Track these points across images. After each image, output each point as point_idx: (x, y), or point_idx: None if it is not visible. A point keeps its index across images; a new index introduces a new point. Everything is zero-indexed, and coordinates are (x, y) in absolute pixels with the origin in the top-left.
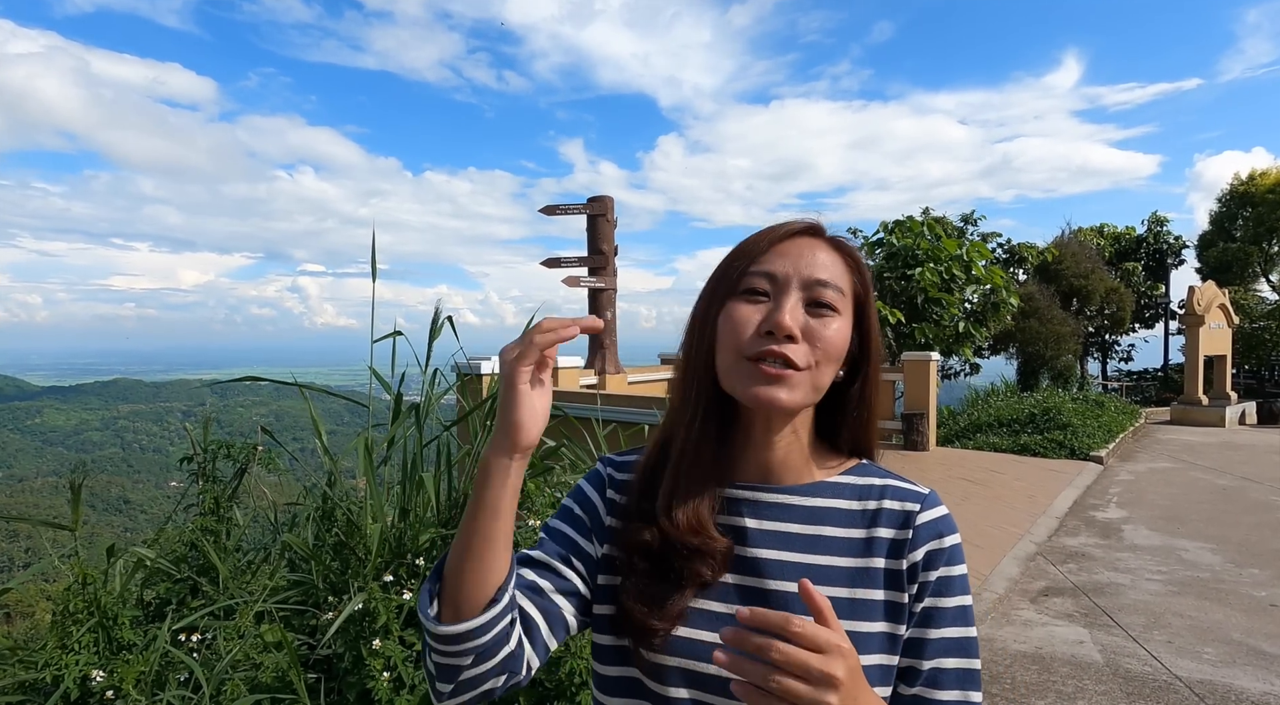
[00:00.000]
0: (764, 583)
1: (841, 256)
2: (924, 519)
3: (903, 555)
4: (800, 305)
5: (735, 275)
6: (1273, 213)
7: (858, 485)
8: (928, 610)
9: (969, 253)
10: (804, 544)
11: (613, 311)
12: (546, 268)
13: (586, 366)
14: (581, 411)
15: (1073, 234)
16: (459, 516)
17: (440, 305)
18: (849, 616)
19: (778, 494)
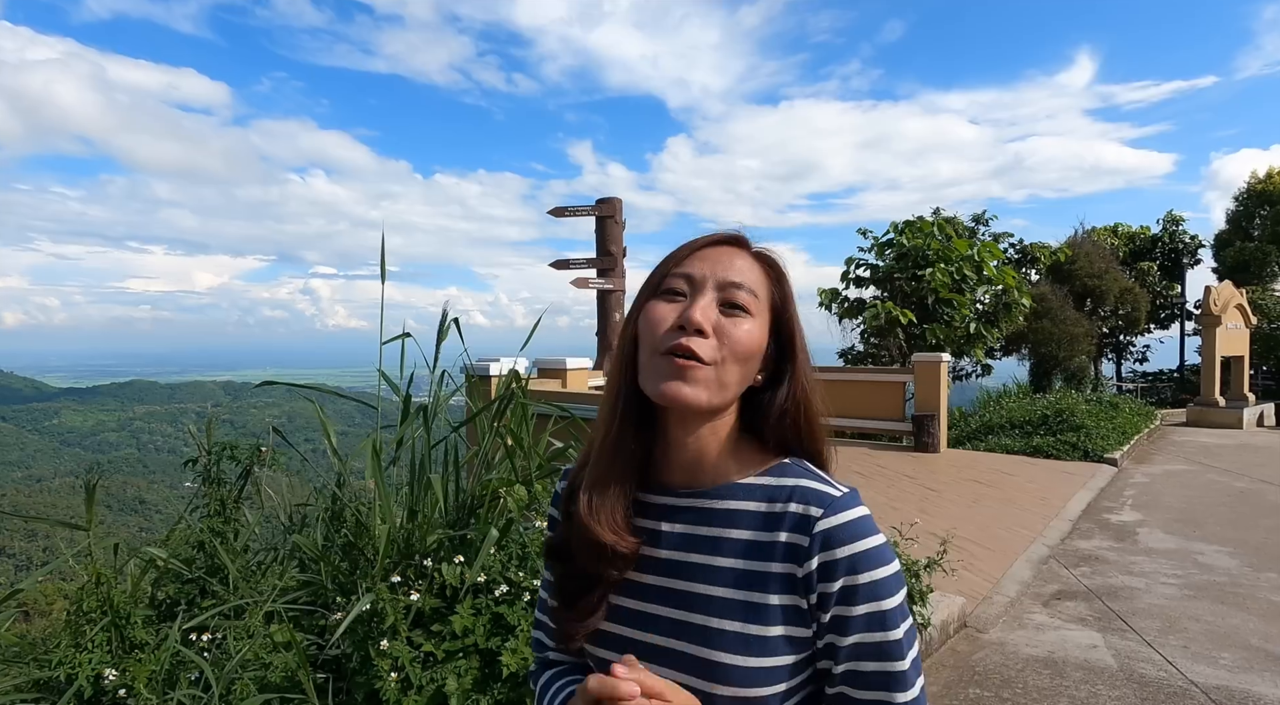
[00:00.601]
0: (674, 583)
1: (761, 265)
2: (824, 525)
3: (800, 562)
4: (713, 304)
5: (658, 277)
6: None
7: (769, 487)
8: (836, 618)
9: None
10: (708, 546)
11: (621, 313)
12: (555, 269)
13: (595, 368)
14: (589, 412)
15: (1086, 234)
16: (466, 517)
17: (448, 307)
18: (742, 618)
19: (690, 498)
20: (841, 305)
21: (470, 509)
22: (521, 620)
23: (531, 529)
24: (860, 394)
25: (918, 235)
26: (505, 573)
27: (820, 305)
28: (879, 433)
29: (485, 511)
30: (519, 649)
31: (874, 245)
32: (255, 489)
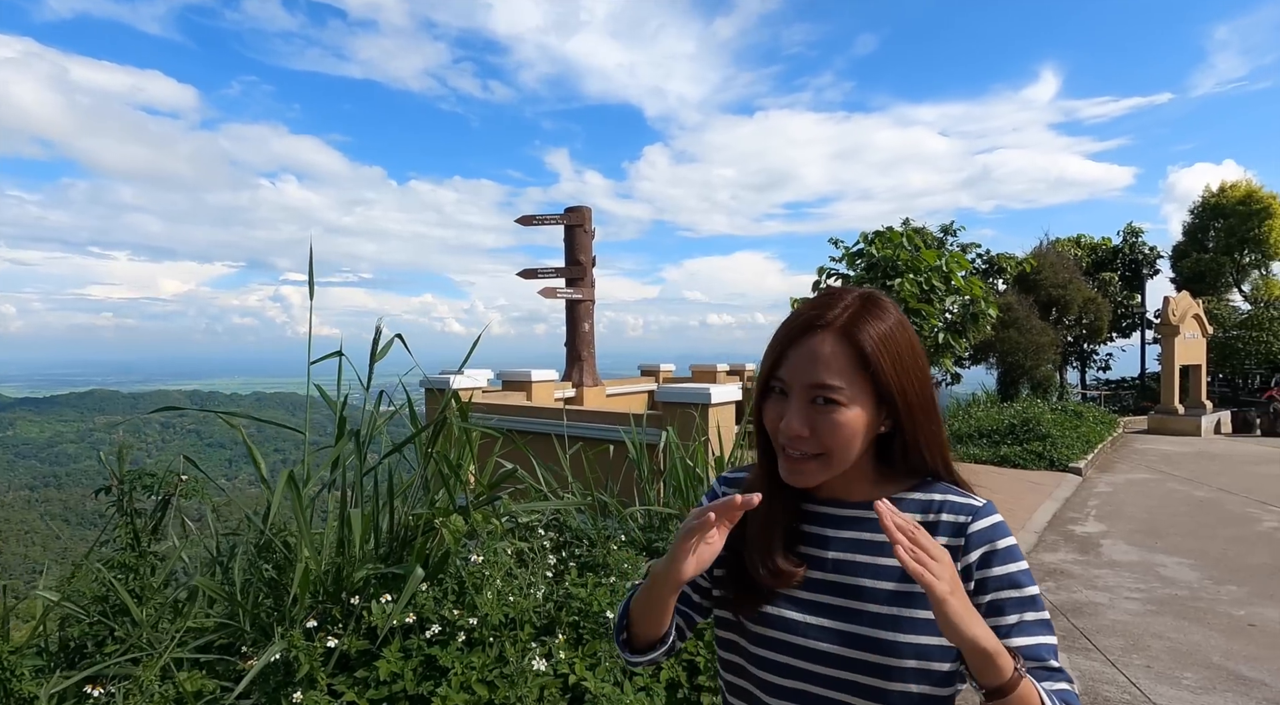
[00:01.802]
0: (842, 578)
1: (844, 345)
2: (974, 528)
3: (957, 559)
4: (805, 406)
5: (764, 376)
6: (1243, 224)
7: (920, 500)
8: (996, 602)
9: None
10: (871, 548)
11: (590, 323)
12: (523, 279)
13: (564, 379)
14: (550, 428)
15: (1051, 245)
16: (400, 550)
17: (382, 323)
18: (904, 605)
19: (851, 509)
20: None
21: (404, 541)
22: (456, 662)
23: (469, 563)
24: None
25: (887, 246)
26: (439, 611)
27: None
28: None
29: (421, 543)
30: (451, 696)
31: (845, 255)
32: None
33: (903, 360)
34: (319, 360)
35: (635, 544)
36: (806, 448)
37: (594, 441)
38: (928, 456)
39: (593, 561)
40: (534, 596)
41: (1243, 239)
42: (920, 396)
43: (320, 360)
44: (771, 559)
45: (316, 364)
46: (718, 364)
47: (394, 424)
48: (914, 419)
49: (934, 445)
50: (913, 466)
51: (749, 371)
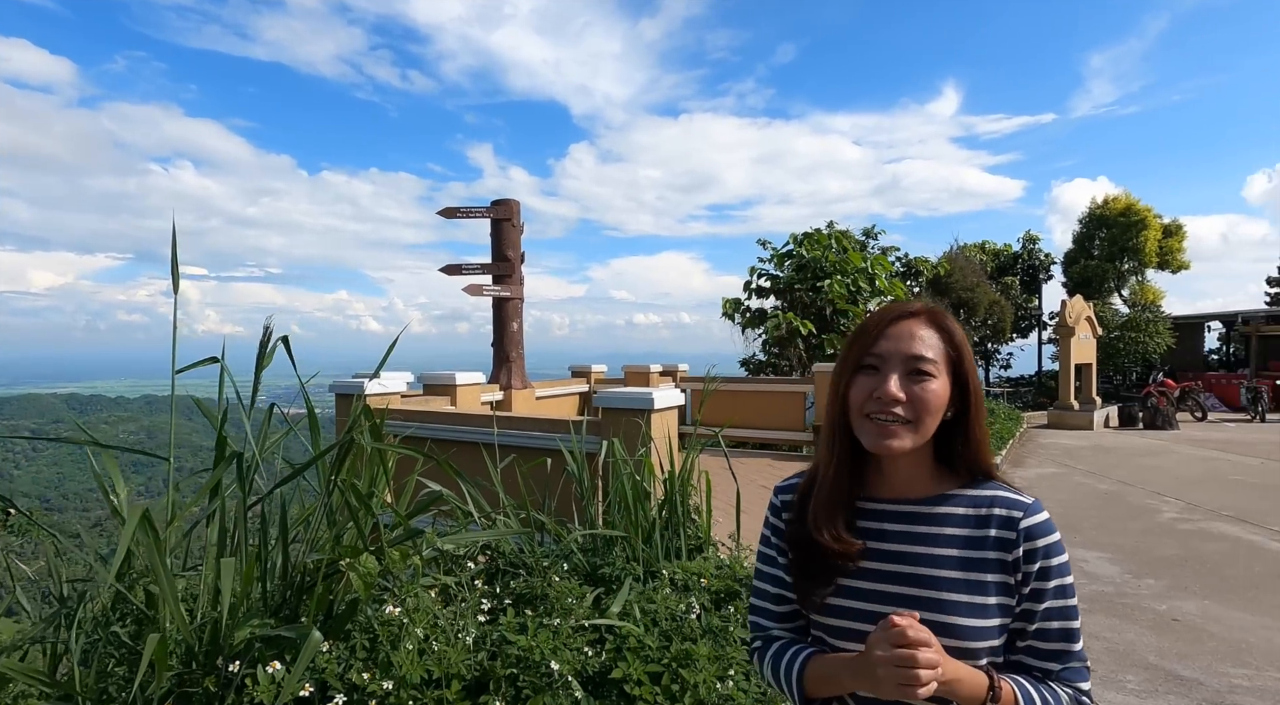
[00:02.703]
0: (900, 568)
1: (935, 330)
2: (1025, 524)
3: (1009, 550)
4: (901, 377)
5: (856, 355)
6: (1123, 234)
7: (973, 496)
8: (1034, 590)
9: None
10: (928, 540)
11: (519, 322)
12: (447, 275)
13: (490, 381)
14: (478, 436)
15: (960, 250)
16: (297, 600)
17: (271, 322)
18: (965, 592)
19: (909, 505)
20: (744, 315)
21: (301, 589)
22: None
23: (383, 611)
24: (763, 404)
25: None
26: (345, 675)
27: (724, 315)
28: (780, 443)
29: (324, 590)
30: None
31: (774, 256)
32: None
33: (970, 357)
34: (187, 368)
35: (578, 571)
36: (901, 411)
37: (528, 451)
38: (981, 452)
39: (531, 593)
40: (463, 643)
41: (1123, 248)
42: (979, 393)
43: (190, 367)
44: (835, 526)
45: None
46: (651, 365)
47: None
48: (976, 409)
49: (986, 442)
50: (968, 463)
51: (682, 372)
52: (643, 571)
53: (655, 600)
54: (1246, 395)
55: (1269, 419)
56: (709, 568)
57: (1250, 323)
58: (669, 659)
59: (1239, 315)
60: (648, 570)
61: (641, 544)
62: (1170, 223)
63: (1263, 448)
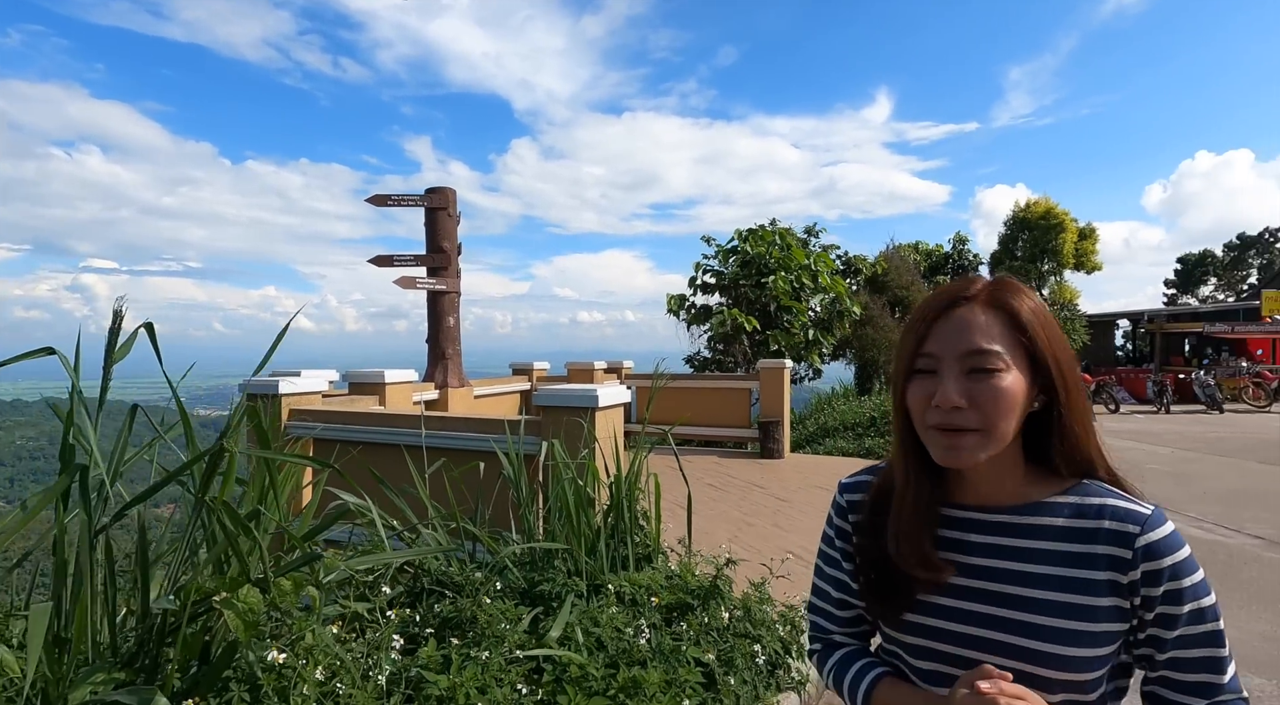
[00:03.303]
0: (986, 585)
1: (996, 312)
2: (1144, 541)
3: (1125, 572)
4: (960, 377)
5: (907, 357)
6: (1044, 236)
7: (1075, 504)
8: (1162, 615)
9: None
10: (1019, 555)
11: (456, 317)
12: (376, 266)
13: (425, 380)
14: (406, 439)
15: (895, 249)
16: (157, 643)
17: (121, 305)
18: (1065, 616)
19: (997, 514)
20: (689, 311)
21: (163, 632)
22: None
23: (268, 657)
24: (709, 401)
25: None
26: None
27: (669, 311)
28: (725, 440)
29: (196, 633)
30: None
31: (719, 252)
32: None
33: (1054, 329)
34: (9, 362)
35: (514, 590)
36: (964, 421)
37: (461, 454)
38: (1082, 445)
39: (459, 617)
40: (374, 684)
41: (1043, 249)
42: (1073, 371)
43: (14, 360)
44: (921, 549)
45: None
46: (595, 362)
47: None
48: (1069, 393)
49: (1088, 431)
50: (1068, 460)
51: (627, 369)
52: (586, 586)
53: (600, 620)
54: (1153, 388)
55: (1173, 410)
56: (659, 579)
57: (1154, 321)
58: (616, 689)
59: (1145, 314)
60: (592, 584)
61: (585, 556)
62: (1085, 226)
63: (1170, 437)
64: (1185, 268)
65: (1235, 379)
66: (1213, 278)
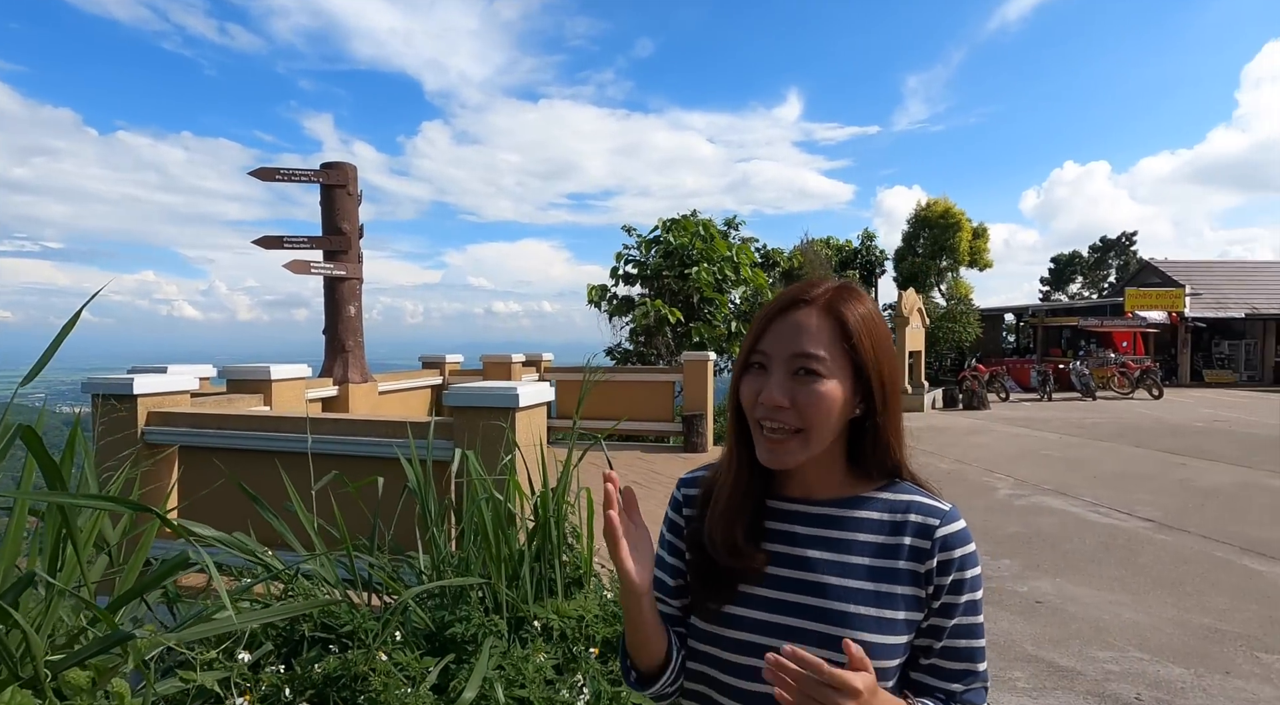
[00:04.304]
0: (807, 576)
1: (828, 319)
2: (941, 533)
3: (923, 561)
4: (787, 377)
5: (745, 352)
6: (942, 235)
7: (888, 500)
8: (944, 604)
9: (738, 254)
10: (839, 546)
11: (358, 306)
12: (263, 248)
13: (322, 375)
14: (292, 445)
15: (809, 244)
16: None
17: None
18: (874, 605)
19: (821, 506)
20: (610, 303)
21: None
22: None
23: None
24: (632, 394)
25: (683, 234)
26: None
27: (589, 302)
28: (648, 434)
29: None
30: None
31: (641, 242)
32: None
33: (880, 342)
34: None
35: (420, 635)
36: (786, 420)
37: (359, 462)
38: (894, 450)
39: (347, 675)
40: None
41: (942, 247)
42: (892, 383)
43: None
44: (732, 537)
45: None
46: (512, 355)
47: None
48: (886, 403)
49: (899, 438)
50: (880, 462)
51: (546, 362)
52: (507, 623)
53: (525, 670)
54: (1037, 377)
55: (1054, 397)
56: (592, 607)
57: (1036, 315)
58: None
59: (1028, 308)
60: (514, 618)
61: (505, 586)
62: (978, 226)
63: (1056, 424)
64: (1058, 267)
65: (1104, 368)
66: (1079, 276)
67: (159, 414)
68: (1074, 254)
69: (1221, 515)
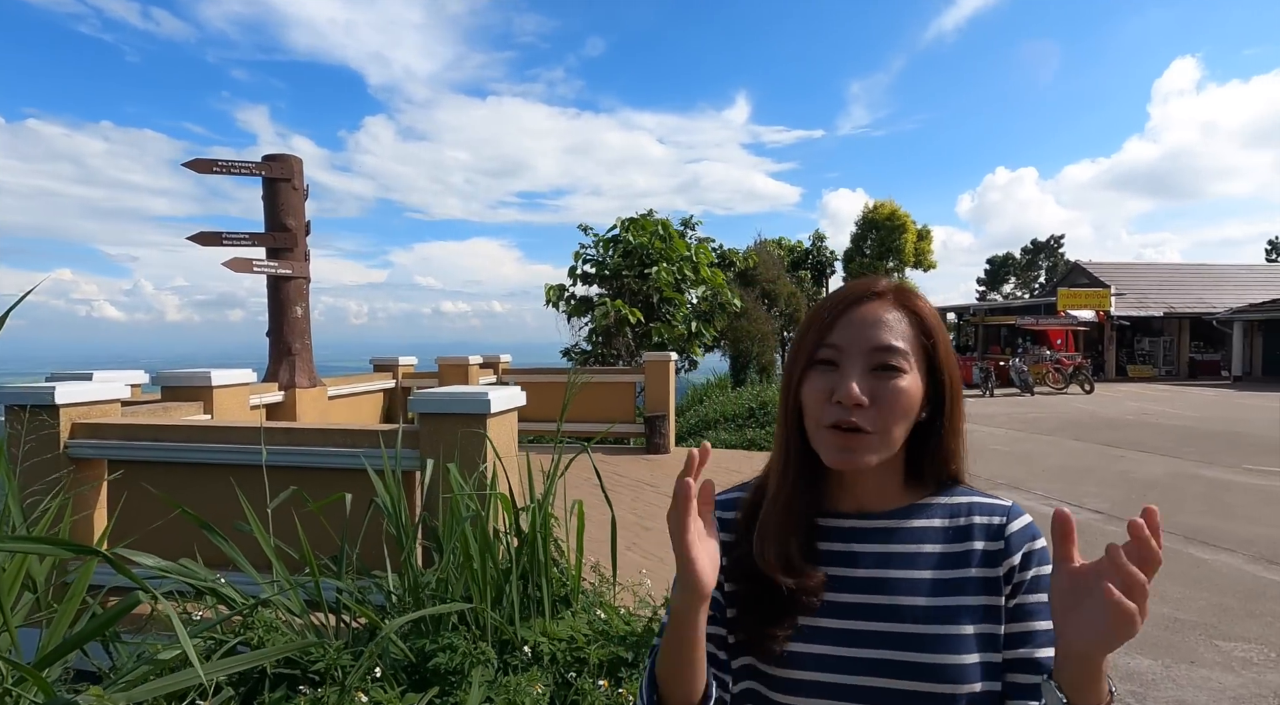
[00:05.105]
0: (876, 599)
1: (903, 313)
2: (1013, 529)
3: (998, 563)
4: (864, 373)
5: (810, 346)
6: (889, 236)
7: (948, 505)
8: (1029, 606)
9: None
10: (904, 561)
11: (305, 306)
12: (201, 245)
13: (268, 380)
14: (241, 457)
15: (762, 244)
16: None
17: None
18: (941, 622)
19: (878, 519)
20: (569, 303)
21: None
22: None
23: None
24: (593, 395)
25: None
26: None
27: (547, 303)
28: (610, 435)
29: None
30: None
31: (598, 242)
32: None
33: (948, 341)
34: None
35: (399, 667)
36: (863, 420)
37: (316, 474)
38: (955, 458)
39: None
40: None
41: (889, 248)
42: (959, 383)
43: None
44: (787, 552)
45: None
46: (470, 357)
47: None
48: (954, 410)
49: (961, 445)
50: (937, 470)
51: (504, 364)
52: (494, 648)
53: (521, 702)
54: (979, 374)
55: (996, 393)
56: (581, 627)
57: (977, 314)
58: None
59: (970, 308)
60: (500, 642)
61: (490, 610)
62: (922, 228)
63: (1000, 419)
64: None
65: (1040, 365)
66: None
67: (86, 425)
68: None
69: (1162, 505)
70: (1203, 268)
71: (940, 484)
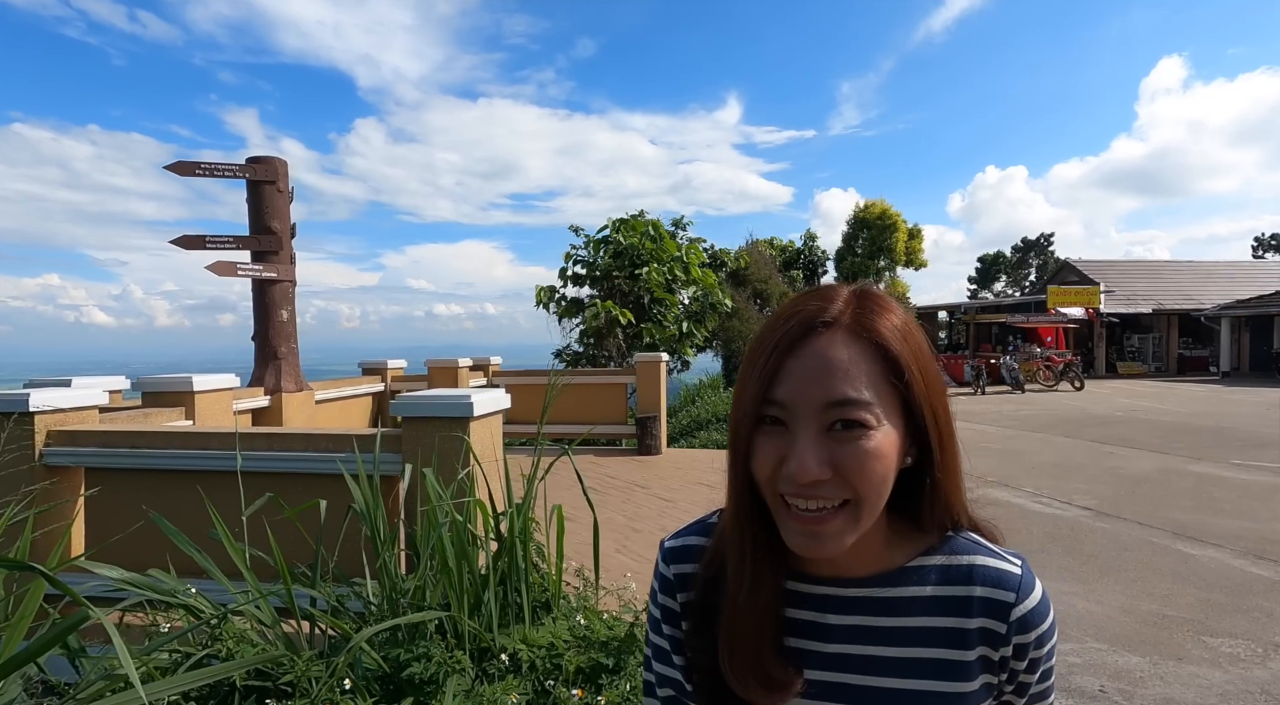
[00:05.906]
0: (848, 678)
1: (863, 346)
2: (1019, 611)
3: (996, 646)
4: (820, 436)
5: (750, 404)
6: (880, 235)
7: (942, 567)
8: (1021, 685)
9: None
10: (889, 637)
11: (290, 310)
12: (183, 248)
13: (253, 385)
14: (219, 463)
15: (754, 244)
16: None
17: None
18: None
19: (857, 587)
20: (560, 304)
21: None
22: None
23: None
24: (585, 397)
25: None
26: None
27: (538, 304)
28: (600, 436)
29: None
30: None
31: (589, 242)
32: None
33: (927, 364)
34: None
35: (372, 678)
36: (827, 496)
37: (297, 480)
38: (953, 503)
39: None
40: None
41: (880, 247)
42: (948, 419)
43: None
44: (763, 667)
45: None
46: (459, 359)
47: None
48: (943, 446)
49: (959, 487)
50: (935, 518)
51: (495, 366)
52: (470, 655)
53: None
54: (970, 372)
55: (987, 391)
56: (562, 633)
57: (968, 312)
58: None
59: (961, 306)
60: (479, 650)
61: (468, 618)
62: (913, 227)
63: (991, 416)
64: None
65: (1031, 362)
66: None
67: (61, 433)
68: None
69: (1151, 501)
70: (1190, 265)
71: (938, 534)
